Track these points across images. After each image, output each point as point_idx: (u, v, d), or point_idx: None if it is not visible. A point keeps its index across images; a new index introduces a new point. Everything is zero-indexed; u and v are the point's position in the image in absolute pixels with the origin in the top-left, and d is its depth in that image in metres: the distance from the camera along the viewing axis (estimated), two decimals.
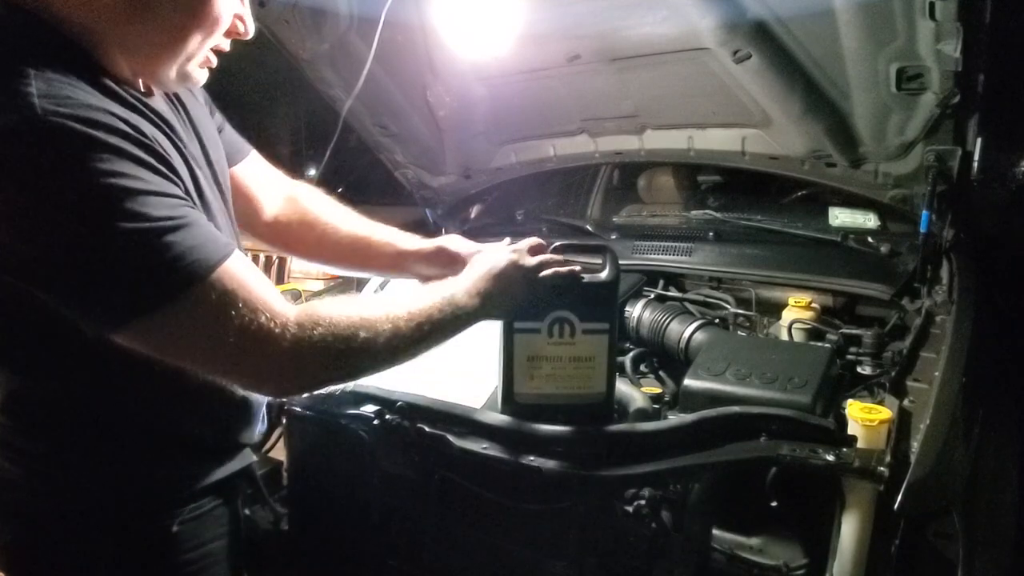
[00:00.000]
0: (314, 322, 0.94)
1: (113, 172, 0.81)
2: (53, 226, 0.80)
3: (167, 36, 0.92)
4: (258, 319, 0.89)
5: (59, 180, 0.79)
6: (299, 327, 0.92)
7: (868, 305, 1.86)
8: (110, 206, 0.80)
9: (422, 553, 1.50)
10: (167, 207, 0.85)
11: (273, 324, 0.90)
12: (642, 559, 1.30)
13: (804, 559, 1.26)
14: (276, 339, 0.90)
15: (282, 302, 0.93)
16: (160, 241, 0.83)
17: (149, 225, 0.82)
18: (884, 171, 1.92)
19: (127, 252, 0.82)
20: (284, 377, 0.95)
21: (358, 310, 1.00)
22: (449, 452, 1.35)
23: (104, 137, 0.81)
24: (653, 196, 2.59)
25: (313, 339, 0.93)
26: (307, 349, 0.93)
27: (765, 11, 1.69)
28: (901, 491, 1.08)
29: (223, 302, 0.87)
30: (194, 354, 0.91)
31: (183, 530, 1.09)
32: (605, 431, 1.31)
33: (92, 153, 0.80)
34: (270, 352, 0.90)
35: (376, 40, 1.71)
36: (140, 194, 0.82)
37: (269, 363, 0.92)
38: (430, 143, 2.46)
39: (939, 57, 1.55)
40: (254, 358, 0.91)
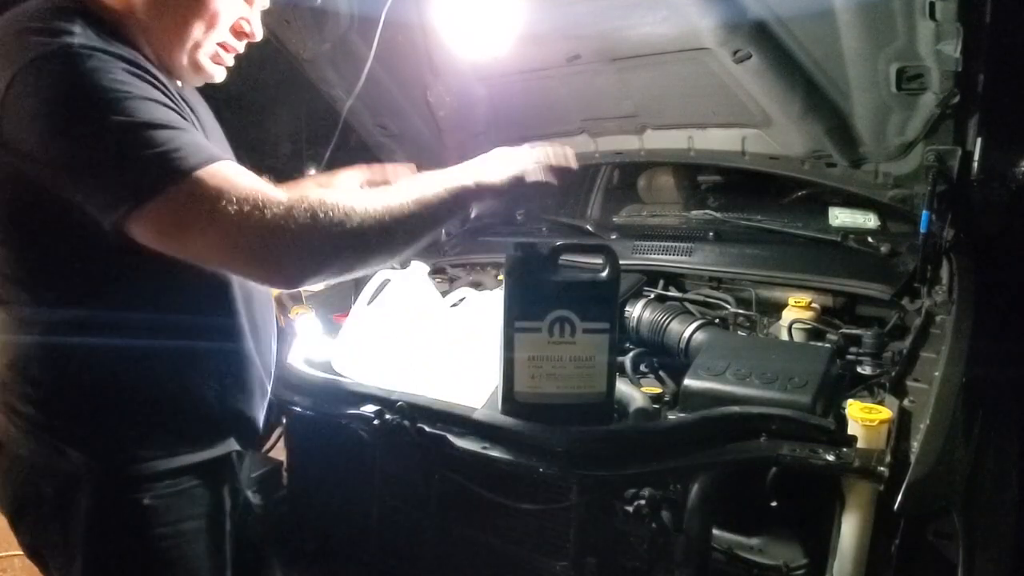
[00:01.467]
0: (307, 206, 0.97)
1: (128, 82, 0.95)
2: (73, 121, 0.93)
3: (173, 23, 1.06)
4: (253, 205, 0.95)
5: (80, 85, 0.93)
6: (293, 209, 0.97)
7: (868, 305, 1.85)
8: (120, 105, 0.93)
9: (422, 553, 1.50)
10: (173, 115, 0.98)
11: (267, 209, 0.95)
12: (642, 559, 1.30)
13: (804, 559, 1.26)
14: (271, 223, 0.95)
15: (275, 191, 0.99)
16: (161, 135, 0.94)
17: (154, 121, 0.94)
18: (884, 171, 1.92)
19: (133, 142, 0.93)
20: (285, 260, 0.99)
21: (348, 195, 1.05)
22: (449, 452, 1.35)
23: (128, 67, 0.96)
24: (653, 196, 2.59)
25: (307, 221, 0.97)
26: (303, 231, 0.97)
27: (765, 11, 1.70)
28: (901, 491, 1.08)
29: (219, 190, 0.94)
30: (196, 242, 0.96)
31: (157, 505, 1.11)
32: (605, 431, 1.31)
33: (114, 70, 0.94)
34: (267, 236, 0.96)
35: (376, 40, 1.71)
36: (149, 101, 0.96)
37: (268, 247, 0.97)
38: (430, 143, 2.46)
39: (939, 57, 1.55)
40: (253, 243, 0.96)
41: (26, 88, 0.93)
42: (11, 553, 2.66)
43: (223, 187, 0.95)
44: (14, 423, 1.11)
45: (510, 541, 1.39)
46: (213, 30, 1.09)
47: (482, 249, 2.44)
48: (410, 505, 1.48)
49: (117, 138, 0.93)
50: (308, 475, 1.67)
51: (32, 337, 1.07)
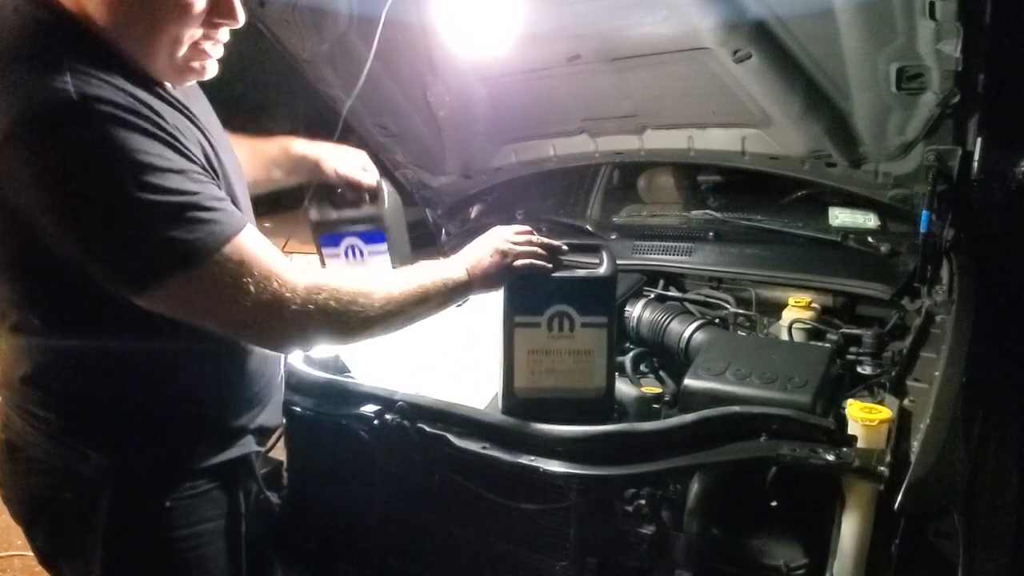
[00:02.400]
0: (319, 288, 1.05)
1: (139, 149, 0.90)
2: (86, 197, 0.89)
3: (147, 24, 0.96)
4: (271, 285, 1.00)
5: (91, 155, 0.88)
6: (307, 292, 1.03)
7: (868, 305, 1.86)
8: (136, 179, 0.89)
9: (422, 553, 1.50)
10: (189, 182, 0.94)
11: (284, 290, 1.01)
12: (642, 559, 1.30)
13: (804, 559, 1.26)
14: (286, 303, 1.01)
15: (291, 270, 1.04)
16: (182, 213, 0.92)
17: (172, 198, 0.91)
18: (884, 171, 1.92)
19: (150, 222, 0.91)
20: (291, 336, 1.08)
21: (357, 280, 1.12)
22: (449, 452, 1.35)
23: (130, 118, 0.90)
24: (653, 196, 2.59)
25: (318, 304, 1.05)
26: (312, 313, 1.04)
27: (765, 11, 1.69)
28: (901, 491, 1.08)
29: (239, 270, 0.97)
30: (211, 316, 1.01)
31: (176, 507, 1.13)
32: (605, 431, 1.31)
33: (120, 131, 0.89)
34: (281, 314, 1.01)
35: (376, 40, 1.71)
36: (163, 170, 0.91)
37: (280, 324, 1.03)
38: (430, 143, 2.45)
39: (939, 57, 1.55)
40: (266, 319, 1.02)
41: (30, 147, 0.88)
42: (11, 553, 2.66)
43: (242, 271, 0.97)
44: (33, 426, 1.10)
45: (510, 541, 1.38)
46: (189, 20, 0.98)
47: None
48: (410, 505, 1.48)
49: (136, 217, 0.90)
50: (308, 475, 1.67)
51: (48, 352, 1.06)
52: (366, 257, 1.58)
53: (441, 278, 1.23)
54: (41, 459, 1.11)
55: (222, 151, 1.13)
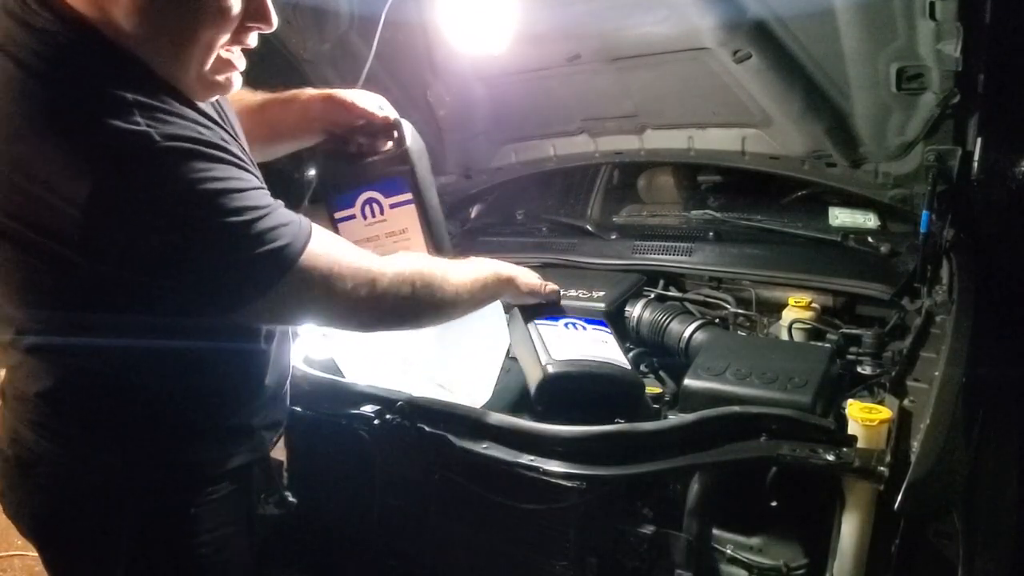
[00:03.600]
0: (406, 278, 1.13)
1: (219, 177, 0.91)
2: (183, 235, 0.89)
3: (179, 33, 0.91)
4: (363, 281, 1.06)
5: (179, 192, 0.88)
6: (395, 282, 1.11)
7: (868, 305, 1.86)
8: (224, 207, 0.91)
9: (422, 553, 1.50)
10: (263, 197, 0.97)
11: (377, 284, 1.08)
12: (642, 559, 1.30)
13: (804, 559, 1.26)
14: (380, 298, 1.09)
15: (371, 257, 1.10)
16: (268, 228, 0.94)
17: (256, 216, 0.93)
18: (884, 171, 1.92)
19: (246, 243, 0.92)
20: (383, 323, 1.19)
21: (432, 265, 1.20)
22: (449, 452, 1.35)
23: (203, 149, 0.91)
24: (653, 196, 2.59)
25: (407, 293, 1.13)
26: (402, 302, 1.13)
27: (765, 11, 1.70)
28: (901, 491, 1.08)
29: (328, 271, 1.02)
30: (309, 314, 1.09)
31: (199, 513, 1.12)
32: (605, 431, 1.31)
33: (200, 164, 0.90)
34: (374, 300, 1.09)
35: (376, 40, 1.71)
36: (242, 191, 0.93)
37: (375, 309, 1.11)
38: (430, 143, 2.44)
39: (939, 57, 1.55)
40: (361, 307, 1.08)
41: (124, 196, 0.87)
42: (11, 553, 2.66)
43: (331, 267, 1.02)
44: (49, 440, 1.08)
45: (510, 541, 1.38)
46: (225, 24, 0.92)
47: (482, 249, 2.44)
48: (410, 505, 1.48)
49: (232, 243, 0.92)
50: (308, 475, 1.67)
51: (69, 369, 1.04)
52: (386, 212, 1.40)
53: (493, 272, 1.34)
54: (56, 474, 1.09)
55: None
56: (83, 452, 1.07)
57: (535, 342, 1.45)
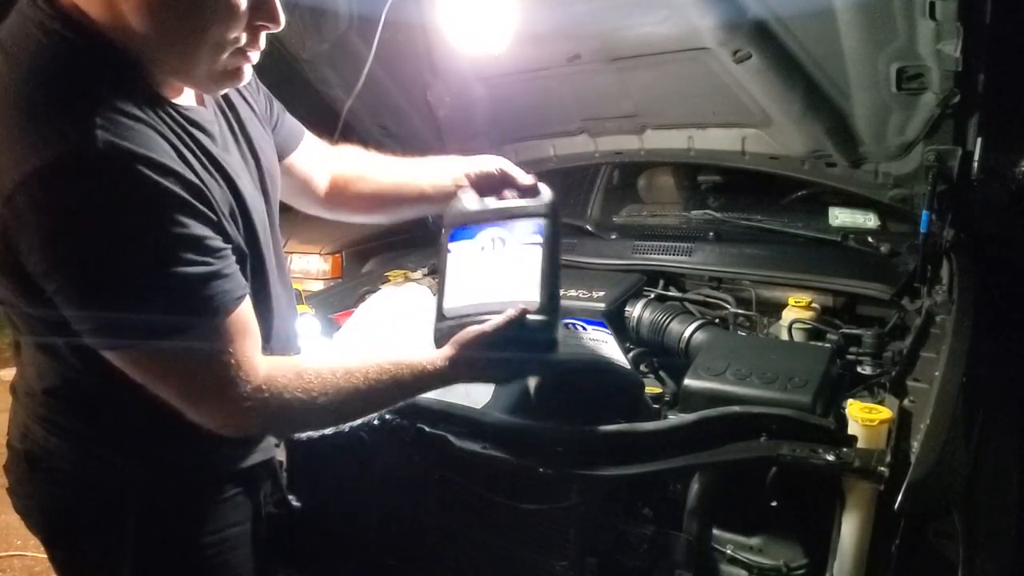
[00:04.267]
0: (281, 386, 1.00)
1: (153, 212, 0.87)
2: (88, 249, 0.86)
3: (192, 29, 0.91)
4: (230, 370, 0.95)
5: (101, 210, 0.84)
6: (266, 385, 0.99)
7: (868, 305, 1.86)
8: (144, 245, 0.87)
9: (422, 553, 1.50)
10: (195, 250, 0.91)
11: (244, 379, 0.97)
12: (642, 559, 1.30)
13: (804, 559, 1.26)
14: (241, 394, 0.97)
15: (257, 358, 0.99)
16: (180, 285, 0.89)
17: (173, 269, 0.88)
18: (884, 171, 1.92)
19: (147, 287, 0.88)
20: (237, 424, 1.02)
21: (322, 373, 1.04)
22: (449, 452, 1.35)
23: (154, 177, 0.86)
24: (653, 196, 2.59)
25: (275, 399, 1.00)
26: (268, 406, 0.99)
27: (765, 11, 1.69)
28: (901, 491, 1.08)
29: (209, 349, 0.93)
30: (167, 387, 0.97)
31: (205, 513, 1.13)
32: (605, 431, 1.31)
33: (139, 191, 0.85)
34: (235, 399, 0.97)
35: (376, 40, 1.71)
36: (176, 237, 0.88)
37: (231, 409, 0.98)
38: (430, 143, 2.45)
39: (939, 57, 1.55)
40: (218, 402, 0.98)
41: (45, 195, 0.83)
42: (11, 553, 2.66)
43: (213, 348, 0.94)
44: (57, 436, 1.08)
45: (510, 541, 1.38)
46: (234, 22, 0.92)
47: None
48: (410, 505, 1.48)
49: (138, 283, 0.88)
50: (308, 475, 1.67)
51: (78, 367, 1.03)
52: (508, 248, 1.28)
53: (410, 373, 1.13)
54: (65, 469, 1.09)
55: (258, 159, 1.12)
56: (91, 449, 1.08)
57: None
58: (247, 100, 1.18)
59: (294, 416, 1.05)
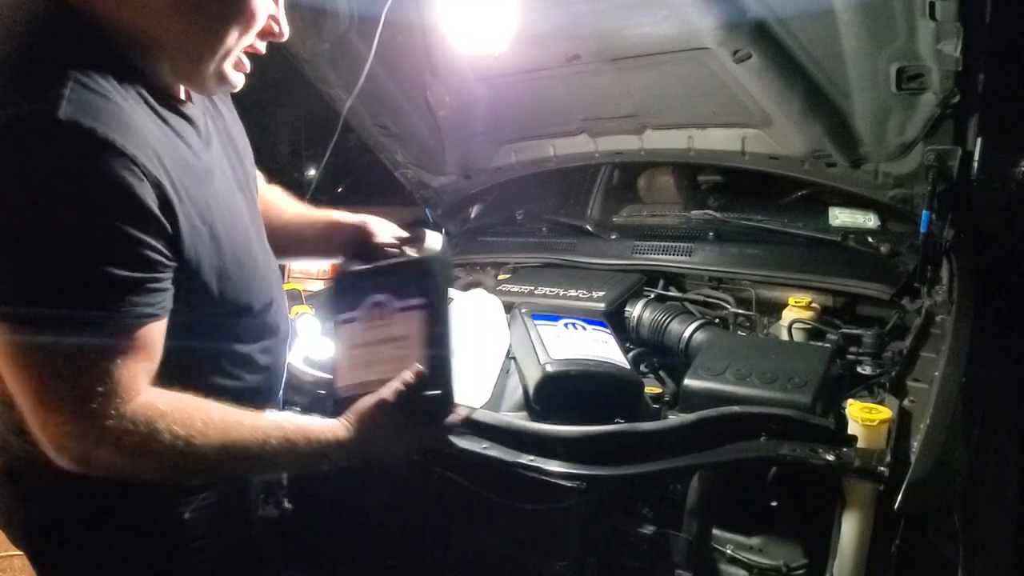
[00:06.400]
0: (148, 420, 0.91)
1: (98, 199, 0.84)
2: (19, 212, 0.82)
3: (208, 32, 0.95)
4: (101, 391, 0.87)
5: (43, 178, 0.82)
6: (141, 409, 0.91)
7: (868, 305, 1.86)
8: (75, 226, 0.83)
9: (422, 553, 1.50)
10: (124, 254, 0.87)
11: (118, 396, 0.88)
12: (642, 559, 1.30)
13: (804, 559, 1.26)
14: (105, 410, 0.88)
15: (141, 383, 0.92)
16: (95, 281, 0.85)
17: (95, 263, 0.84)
18: (884, 171, 1.92)
19: (60, 267, 0.84)
20: (84, 454, 0.92)
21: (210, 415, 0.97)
22: (449, 452, 1.35)
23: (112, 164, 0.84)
24: (653, 196, 2.59)
25: (144, 427, 0.91)
26: (130, 434, 0.91)
27: (765, 11, 1.69)
28: (901, 491, 1.08)
29: (99, 355, 0.87)
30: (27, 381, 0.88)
31: (194, 518, 1.11)
32: (605, 431, 1.31)
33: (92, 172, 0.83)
34: (93, 415, 0.88)
35: (376, 40, 1.71)
36: (107, 232, 0.85)
37: (83, 427, 0.89)
38: (430, 143, 2.46)
39: (939, 57, 1.55)
40: (74, 415, 0.88)
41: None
42: (11, 553, 2.66)
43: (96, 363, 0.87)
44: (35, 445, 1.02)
45: (510, 541, 1.39)
46: (248, 33, 0.98)
47: (482, 249, 2.44)
48: (410, 505, 1.48)
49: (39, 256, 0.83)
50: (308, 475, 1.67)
51: None
52: (393, 316, 1.24)
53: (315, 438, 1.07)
54: (48, 481, 1.05)
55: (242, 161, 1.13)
56: None
57: (534, 342, 1.45)
58: (229, 107, 1.21)
59: (161, 453, 0.93)
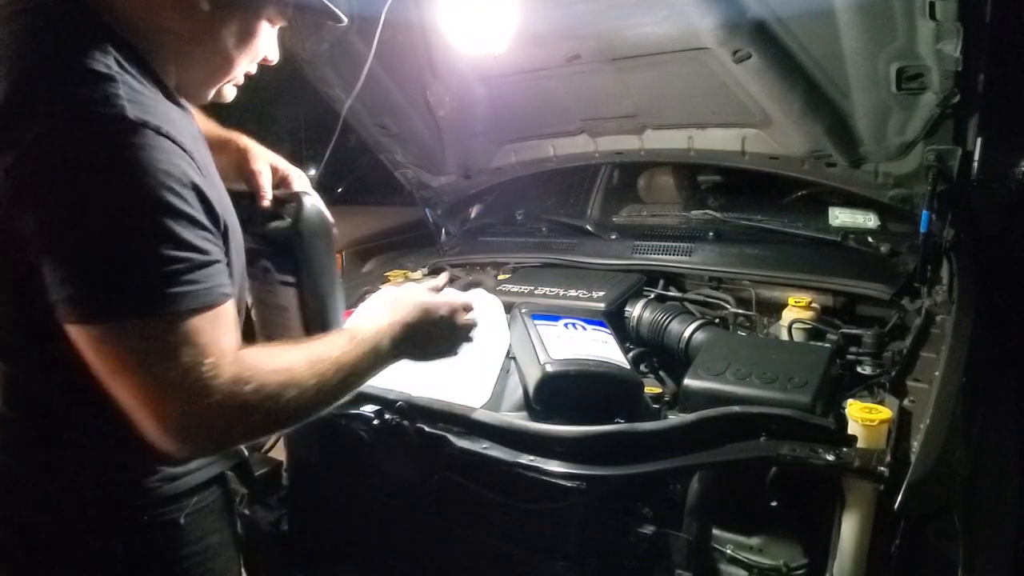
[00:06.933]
0: (246, 379, 0.92)
1: (170, 187, 0.87)
2: (94, 208, 0.85)
3: (220, 60, 1.03)
4: (202, 367, 0.88)
5: (121, 173, 0.85)
6: (232, 383, 0.91)
7: (868, 305, 1.86)
8: (153, 214, 0.86)
9: (422, 553, 1.50)
10: (197, 236, 0.90)
11: (214, 376, 0.89)
12: (642, 559, 1.30)
13: (804, 559, 1.26)
14: (209, 391, 0.89)
15: (231, 357, 0.92)
16: (173, 264, 0.87)
17: (173, 248, 0.87)
18: (884, 171, 1.92)
19: (141, 258, 0.86)
20: (200, 432, 0.92)
21: (289, 364, 0.98)
22: (449, 452, 1.35)
23: (173, 153, 0.89)
24: (653, 196, 2.59)
25: (241, 397, 0.91)
26: (233, 408, 0.91)
27: (765, 11, 1.69)
28: (901, 491, 1.08)
29: (186, 340, 0.88)
30: (130, 377, 0.88)
31: (188, 522, 1.11)
32: (605, 431, 1.31)
33: (160, 163, 0.87)
34: (199, 403, 0.89)
35: (376, 40, 1.71)
36: (182, 216, 0.88)
37: (192, 414, 0.90)
38: (430, 143, 2.46)
39: (939, 57, 1.55)
40: (181, 404, 0.89)
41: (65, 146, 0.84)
42: None
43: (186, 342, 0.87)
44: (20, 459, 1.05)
45: (510, 541, 1.39)
46: (253, 62, 1.09)
47: (482, 249, 2.44)
48: (410, 505, 1.48)
49: (134, 247, 0.86)
50: (308, 475, 1.67)
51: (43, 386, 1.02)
52: (274, 285, 1.23)
53: (378, 360, 1.12)
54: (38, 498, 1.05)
55: None
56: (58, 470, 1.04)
57: (534, 342, 1.45)
58: None
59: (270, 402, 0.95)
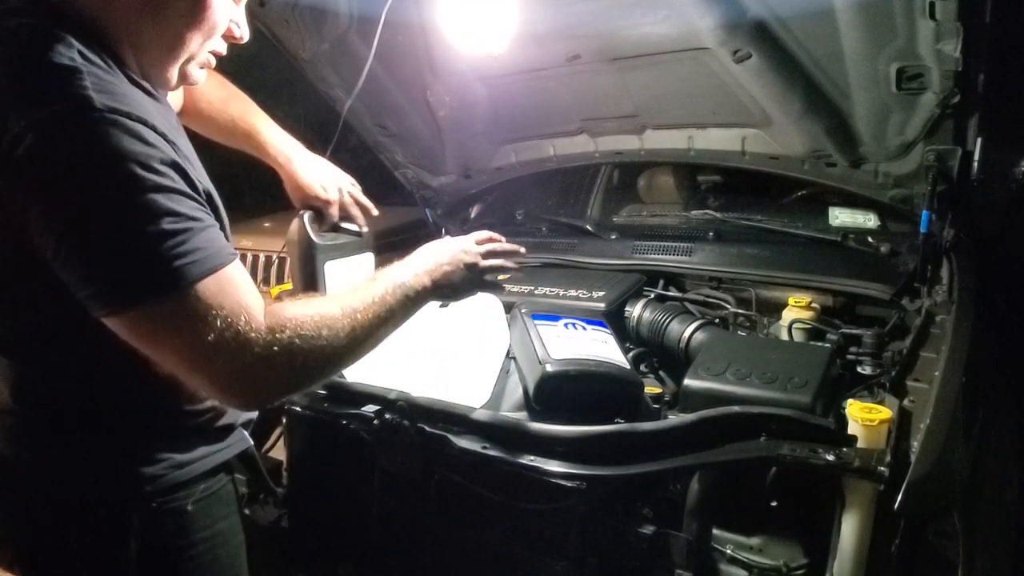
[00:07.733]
0: (281, 326, 0.97)
1: (152, 168, 0.89)
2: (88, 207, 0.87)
3: (171, 37, 1.00)
4: (238, 323, 0.93)
5: (104, 166, 0.87)
6: (270, 332, 0.95)
7: (868, 305, 1.86)
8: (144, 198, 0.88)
9: (422, 553, 1.50)
10: (189, 208, 0.93)
11: (249, 329, 0.94)
12: (642, 559, 1.30)
13: (804, 559, 1.26)
14: (250, 344, 0.94)
15: (260, 310, 0.97)
16: (176, 237, 0.89)
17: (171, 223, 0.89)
18: (884, 171, 1.92)
19: (146, 241, 0.88)
20: (254, 383, 0.98)
21: (318, 308, 1.04)
22: (449, 452, 1.35)
23: (148, 136, 0.90)
24: (653, 196, 2.59)
25: (282, 343, 0.96)
26: (277, 354, 0.96)
27: (765, 11, 1.69)
28: (901, 491, 1.08)
29: (212, 303, 0.91)
30: (173, 348, 0.94)
31: (196, 509, 1.12)
32: (605, 431, 1.31)
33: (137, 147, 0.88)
34: (243, 356, 0.94)
35: (376, 40, 1.71)
36: (170, 191, 0.90)
37: (241, 368, 0.94)
38: (430, 143, 2.45)
39: (939, 57, 1.55)
40: (227, 361, 0.93)
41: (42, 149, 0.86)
42: None
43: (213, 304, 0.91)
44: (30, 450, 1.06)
45: (510, 541, 1.38)
46: (212, 39, 1.04)
47: None
48: (410, 505, 1.48)
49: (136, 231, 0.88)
50: (308, 475, 1.67)
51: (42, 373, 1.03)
52: None
53: (403, 292, 1.17)
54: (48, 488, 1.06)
55: None
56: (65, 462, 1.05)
57: (534, 342, 1.45)
58: None
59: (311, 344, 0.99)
